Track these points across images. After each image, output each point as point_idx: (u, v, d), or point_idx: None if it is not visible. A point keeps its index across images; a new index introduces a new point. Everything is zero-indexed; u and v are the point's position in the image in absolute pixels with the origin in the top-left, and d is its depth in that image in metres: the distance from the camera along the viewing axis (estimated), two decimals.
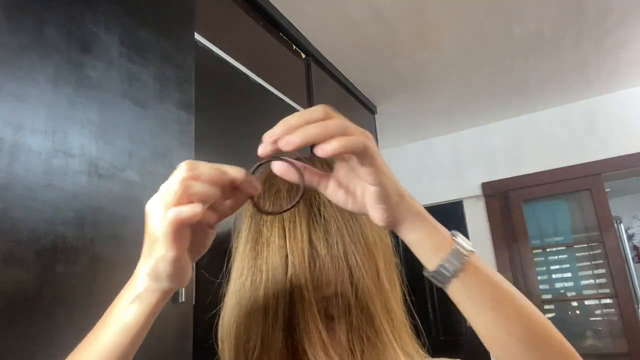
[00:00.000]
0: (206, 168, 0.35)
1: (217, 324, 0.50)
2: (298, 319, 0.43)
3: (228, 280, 0.50)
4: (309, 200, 0.48)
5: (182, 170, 0.34)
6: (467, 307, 0.39)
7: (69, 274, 0.69)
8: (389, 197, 0.38)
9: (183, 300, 0.88)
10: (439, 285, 0.40)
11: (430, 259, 0.39)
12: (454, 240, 0.39)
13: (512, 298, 0.38)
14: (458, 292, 0.39)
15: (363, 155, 0.35)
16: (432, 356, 0.52)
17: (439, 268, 0.38)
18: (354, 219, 0.48)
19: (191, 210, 0.33)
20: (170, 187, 0.34)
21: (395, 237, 0.52)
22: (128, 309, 0.36)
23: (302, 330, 0.43)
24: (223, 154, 1.18)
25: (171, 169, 0.35)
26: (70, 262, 0.70)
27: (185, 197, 0.33)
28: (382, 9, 1.64)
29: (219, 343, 0.49)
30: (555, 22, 1.83)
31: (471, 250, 0.38)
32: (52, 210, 0.69)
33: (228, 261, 0.51)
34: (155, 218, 0.34)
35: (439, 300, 2.88)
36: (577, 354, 0.39)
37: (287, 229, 0.46)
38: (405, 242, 0.40)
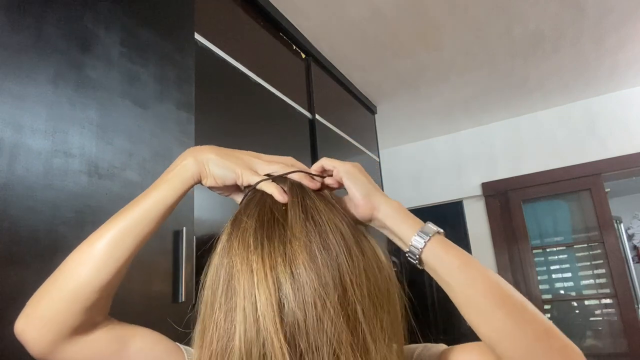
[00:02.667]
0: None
1: None
2: None
3: (198, 309, 0.47)
4: (280, 237, 0.45)
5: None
6: (440, 273, 0.46)
7: None
8: (354, 197, 0.51)
9: (183, 300, 0.88)
10: (416, 263, 0.48)
11: (402, 246, 0.49)
12: (421, 227, 0.48)
13: (474, 264, 0.46)
14: (430, 262, 0.47)
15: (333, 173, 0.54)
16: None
17: (409, 249, 0.48)
18: (331, 258, 0.44)
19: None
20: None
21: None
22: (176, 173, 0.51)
23: None
24: None
25: None
26: None
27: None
28: (382, 8, 1.64)
29: None
30: (555, 22, 1.83)
31: (437, 232, 0.48)
32: (52, 210, 0.69)
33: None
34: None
35: (439, 300, 2.88)
36: (532, 307, 0.44)
37: (255, 273, 0.43)
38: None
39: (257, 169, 0.54)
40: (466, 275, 0.45)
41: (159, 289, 0.86)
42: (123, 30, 0.89)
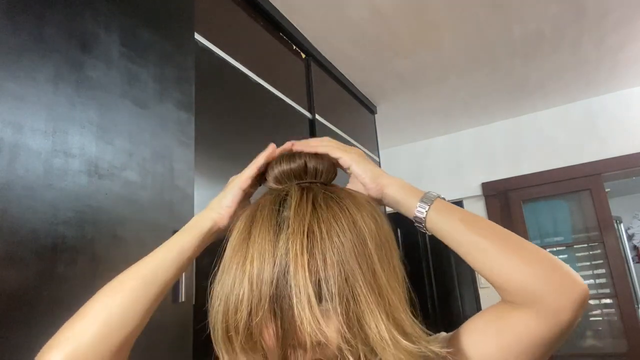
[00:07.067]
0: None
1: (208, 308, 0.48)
2: (290, 283, 0.42)
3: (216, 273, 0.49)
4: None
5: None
6: (445, 229, 0.52)
7: (69, 274, 0.69)
8: (364, 181, 0.57)
9: (183, 300, 0.88)
10: (422, 227, 0.53)
11: (408, 214, 0.55)
12: (422, 195, 0.54)
13: (469, 213, 0.53)
14: (436, 221, 0.52)
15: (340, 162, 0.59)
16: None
17: (415, 216, 0.53)
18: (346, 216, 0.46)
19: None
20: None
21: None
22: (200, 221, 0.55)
23: (293, 289, 0.41)
24: (223, 154, 1.18)
25: (171, 169, 0.35)
26: (70, 262, 0.70)
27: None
28: (382, 8, 1.64)
29: (211, 328, 0.47)
30: (555, 22, 1.83)
31: (438, 196, 0.54)
32: (52, 210, 0.69)
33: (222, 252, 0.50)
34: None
35: (438, 298, 2.88)
36: (523, 240, 0.50)
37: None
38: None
39: (244, 172, 0.58)
40: (467, 226, 0.50)
41: None
42: (123, 30, 0.89)
